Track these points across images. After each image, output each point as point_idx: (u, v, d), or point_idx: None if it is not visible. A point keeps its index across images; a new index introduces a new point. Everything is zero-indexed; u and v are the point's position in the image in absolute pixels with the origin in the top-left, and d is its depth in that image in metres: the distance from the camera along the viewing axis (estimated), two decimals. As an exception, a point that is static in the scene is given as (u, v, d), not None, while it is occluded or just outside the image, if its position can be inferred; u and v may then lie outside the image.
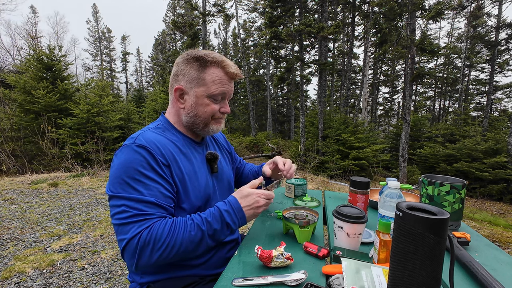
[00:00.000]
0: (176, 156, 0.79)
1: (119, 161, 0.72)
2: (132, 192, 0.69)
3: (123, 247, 0.67)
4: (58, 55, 7.95)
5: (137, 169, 0.70)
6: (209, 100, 0.83)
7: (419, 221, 0.42)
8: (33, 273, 1.96)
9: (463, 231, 0.87)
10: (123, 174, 0.70)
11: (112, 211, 0.70)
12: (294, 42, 13.11)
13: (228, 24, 29.41)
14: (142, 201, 0.69)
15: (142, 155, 0.72)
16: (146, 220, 0.68)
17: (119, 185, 0.70)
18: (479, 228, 3.70)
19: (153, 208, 0.70)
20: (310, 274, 0.64)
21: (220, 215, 0.74)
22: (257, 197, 0.79)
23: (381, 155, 11.06)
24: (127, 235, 0.66)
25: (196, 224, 0.71)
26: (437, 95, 22.81)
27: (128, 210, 0.68)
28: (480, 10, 13.42)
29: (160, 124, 0.87)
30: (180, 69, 0.83)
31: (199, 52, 0.83)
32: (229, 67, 0.83)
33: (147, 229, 0.67)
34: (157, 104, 10.10)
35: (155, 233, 0.67)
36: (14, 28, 38.49)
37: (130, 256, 0.67)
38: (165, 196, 0.73)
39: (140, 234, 0.66)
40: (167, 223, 0.70)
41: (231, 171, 1.06)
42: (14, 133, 7.18)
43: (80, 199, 3.82)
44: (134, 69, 35.36)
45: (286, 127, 25.30)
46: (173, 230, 0.69)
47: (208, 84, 0.82)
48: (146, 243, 0.66)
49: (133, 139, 0.75)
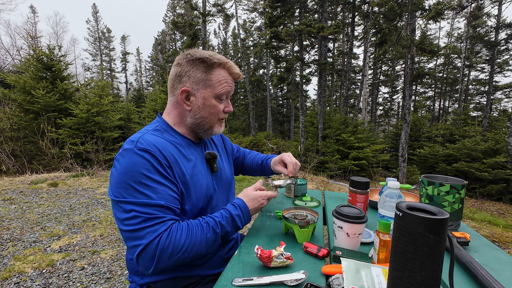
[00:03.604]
0: (177, 157, 0.79)
1: (122, 166, 0.70)
2: (140, 196, 0.68)
3: (139, 252, 0.66)
4: (58, 55, 7.95)
5: (142, 172, 0.70)
6: (216, 100, 0.85)
7: (419, 221, 0.42)
8: (32, 273, 1.96)
9: (463, 231, 0.87)
10: (128, 179, 0.69)
11: (120, 217, 0.69)
12: (294, 42, 13.11)
13: (228, 24, 29.41)
14: (152, 205, 0.68)
15: (145, 158, 0.71)
16: (161, 224, 0.68)
17: (125, 190, 0.68)
18: (478, 228, 3.70)
19: (163, 212, 0.70)
20: (310, 274, 0.64)
21: (232, 219, 0.79)
22: (262, 199, 0.87)
23: (381, 155, 11.06)
24: (143, 240, 0.66)
25: (212, 227, 0.75)
26: (436, 95, 22.82)
27: (139, 216, 0.67)
28: (479, 10, 13.43)
29: (159, 126, 0.86)
30: (185, 70, 0.82)
31: (203, 53, 0.83)
32: (233, 68, 0.87)
33: (165, 232, 0.67)
34: (157, 104, 10.11)
35: (174, 237, 0.68)
36: (13, 28, 38.45)
37: (147, 261, 0.66)
38: (173, 198, 0.74)
39: (159, 238, 0.66)
40: (183, 226, 0.71)
41: (230, 169, 1.06)
42: (14, 133, 7.17)
43: (80, 199, 3.82)
44: (134, 69, 35.38)
45: (286, 127, 25.29)
46: (191, 233, 0.71)
47: (215, 85, 0.83)
48: (165, 247, 0.66)
49: (134, 142, 0.74)
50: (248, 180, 5.43)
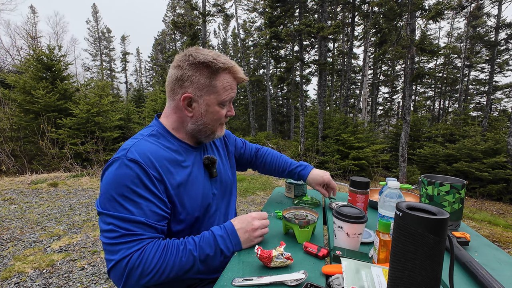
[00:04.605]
0: (170, 167, 0.76)
1: (109, 176, 0.68)
2: (122, 210, 0.66)
3: (110, 268, 0.64)
4: (58, 55, 7.95)
5: (127, 185, 0.67)
6: (219, 107, 0.82)
7: (419, 221, 0.42)
8: (32, 273, 1.96)
9: (463, 231, 0.87)
10: (112, 190, 0.66)
11: (101, 227, 0.67)
12: (294, 42, 13.11)
13: (227, 24, 29.42)
14: (131, 220, 0.65)
15: (133, 170, 0.68)
16: (136, 242, 0.65)
17: (108, 202, 0.66)
18: (478, 228, 3.70)
19: (142, 229, 0.67)
20: (310, 274, 0.64)
21: (214, 240, 0.72)
22: (252, 219, 0.78)
23: (380, 155, 11.06)
24: (115, 256, 0.64)
25: (189, 250, 0.69)
26: (436, 95, 22.82)
27: (116, 230, 0.64)
28: (479, 10, 13.43)
29: (155, 131, 0.81)
30: (187, 75, 0.77)
31: (206, 56, 0.77)
32: (238, 72, 0.82)
33: (137, 252, 0.64)
34: (157, 104, 10.12)
35: (145, 257, 0.64)
36: (13, 28, 38.40)
37: (117, 278, 0.65)
38: (156, 214, 0.70)
39: (129, 257, 0.64)
40: (159, 246, 0.67)
41: (232, 170, 1.04)
42: (14, 133, 7.18)
43: (80, 199, 3.82)
44: (134, 69, 35.37)
45: (286, 127, 25.30)
46: (164, 255, 0.66)
47: (220, 91, 0.79)
48: (135, 267, 0.63)
49: (125, 151, 0.70)
50: (248, 180, 5.43)
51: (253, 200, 4.16)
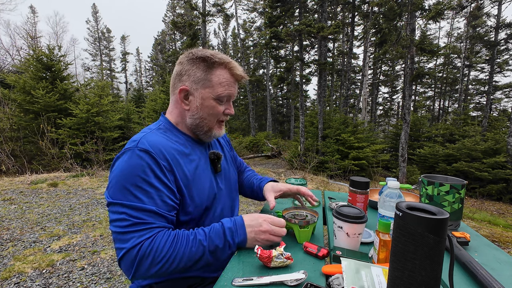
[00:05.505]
0: (179, 159, 0.77)
1: (120, 166, 0.69)
2: (133, 199, 0.67)
3: (121, 256, 0.65)
4: (58, 55, 7.95)
5: (139, 175, 0.68)
6: (215, 102, 0.82)
7: (418, 221, 0.42)
8: (32, 273, 1.96)
9: (463, 231, 0.87)
10: (124, 180, 0.68)
11: (111, 217, 0.68)
12: (294, 42, 13.11)
13: (227, 24, 29.43)
14: (143, 209, 0.67)
15: (144, 160, 0.69)
16: (147, 230, 0.66)
17: (120, 192, 0.67)
18: (478, 228, 3.70)
19: (153, 217, 0.68)
20: (310, 274, 0.64)
21: (223, 232, 0.72)
22: (262, 220, 0.75)
23: (380, 155, 11.06)
24: (126, 244, 0.64)
25: (199, 240, 0.69)
26: (436, 95, 22.83)
27: (128, 219, 0.65)
28: (479, 10, 13.44)
29: (162, 125, 0.84)
30: (185, 69, 0.81)
31: (205, 52, 0.81)
32: (235, 69, 0.83)
33: (148, 240, 0.65)
34: (157, 104, 10.11)
35: (156, 246, 0.65)
36: (13, 28, 38.38)
37: (127, 266, 0.65)
38: (166, 204, 0.71)
39: (140, 245, 0.64)
40: (170, 236, 0.68)
41: (234, 171, 1.05)
42: (14, 133, 7.18)
43: (80, 199, 3.82)
44: (134, 69, 35.39)
45: (286, 127, 25.31)
46: (175, 244, 0.67)
47: (215, 86, 0.80)
48: (146, 255, 0.64)
49: (136, 142, 0.72)
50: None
51: (253, 200, 4.17)
